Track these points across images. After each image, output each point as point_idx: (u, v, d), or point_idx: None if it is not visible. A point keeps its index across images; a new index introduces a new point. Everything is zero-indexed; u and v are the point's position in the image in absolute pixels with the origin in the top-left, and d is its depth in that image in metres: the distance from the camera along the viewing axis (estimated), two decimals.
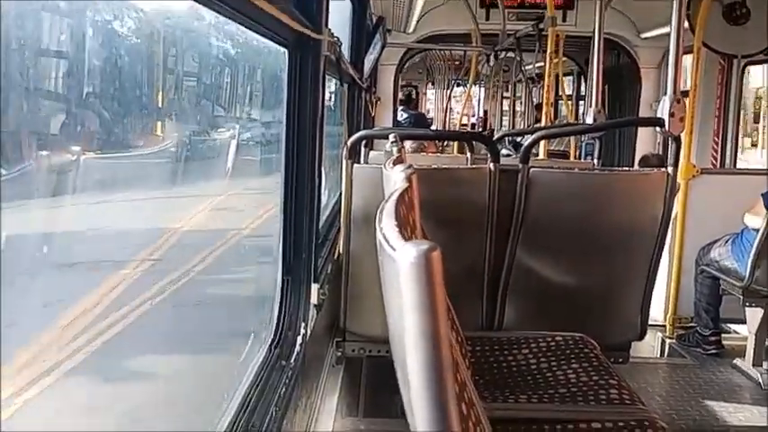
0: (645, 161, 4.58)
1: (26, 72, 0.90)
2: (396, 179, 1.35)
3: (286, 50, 1.83)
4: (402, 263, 0.71)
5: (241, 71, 2.13)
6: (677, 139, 2.77)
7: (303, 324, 1.91)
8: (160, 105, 1.43)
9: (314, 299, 2.00)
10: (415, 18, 6.00)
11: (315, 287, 2.01)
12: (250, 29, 1.50)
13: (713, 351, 3.58)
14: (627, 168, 2.97)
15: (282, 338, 1.81)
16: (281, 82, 1.90)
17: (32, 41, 0.92)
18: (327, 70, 2.19)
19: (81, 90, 1.08)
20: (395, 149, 2.14)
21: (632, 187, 2.70)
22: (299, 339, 1.86)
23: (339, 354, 2.70)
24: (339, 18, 3.69)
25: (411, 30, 6.32)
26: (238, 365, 1.67)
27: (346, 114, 3.53)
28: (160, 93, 1.44)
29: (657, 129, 3.05)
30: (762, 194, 3.28)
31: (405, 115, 7.43)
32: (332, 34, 2.06)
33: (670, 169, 2.61)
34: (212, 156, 1.84)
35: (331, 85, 3.45)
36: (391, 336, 1.01)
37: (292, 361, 1.79)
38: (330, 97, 3.71)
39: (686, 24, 3.92)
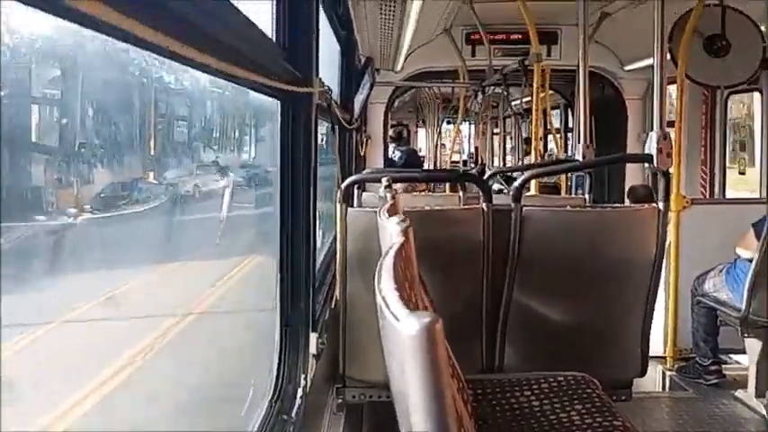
0: (633, 192, 4.62)
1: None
2: (392, 232, 1.35)
3: (279, 102, 1.85)
4: (404, 335, 0.71)
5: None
6: (666, 174, 2.79)
7: (303, 375, 1.89)
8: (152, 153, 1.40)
9: (313, 349, 1.99)
10: (403, 56, 6.09)
11: (313, 336, 1.99)
12: (243, 86, 1.52)
13: (714, 381, 3.56)
14: (618, 205, 2.99)
15: (282, 392, 1.79)
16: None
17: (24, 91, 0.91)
18: (319, 116, 2.22)
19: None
20: (388, 196, 2.14)
21: (624, 223, 2.72)
22: (300, 392, 1.83)
23: (340, 401, 2.67)
24: (328, 59, 3.74)
25: (399, 68, 6.41)
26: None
27: (338, 156, 3.55)
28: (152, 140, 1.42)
29: (646, 164, 3.08)
30: (752, 224, 3.30)
31: (397, 153, 7.49)
32: (322, 84, 2.08)
33: (660, 204, 2.63)
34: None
35: (322, 127, 3.48)
36: (395, 397, 1.00)
37: (293, 414, 1.76)
38: (321, 138, 3.74)
39: (668, 57, 3.99)
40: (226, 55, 1.18)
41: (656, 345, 3.90)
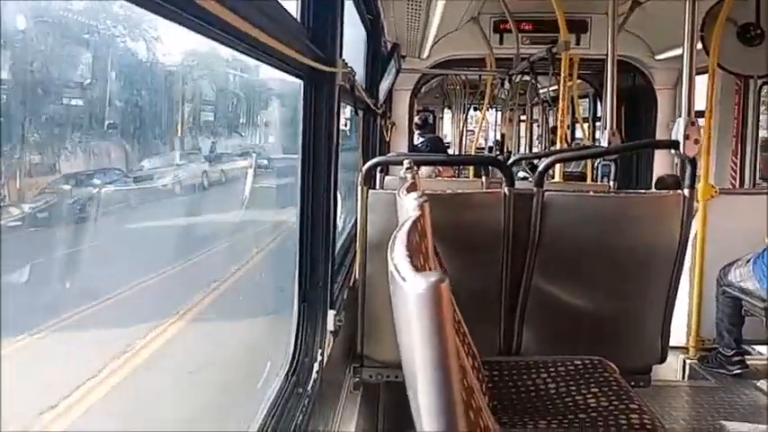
0: (661, 182, 4.56)
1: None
2: (408, 207, 1.37)
3: (301, 82, 1.87)
4: (411, 294, 0.72)
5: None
6: (692, 161, 2.76)
7: (320, 351, 1.92)
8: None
9: (330, 326, 2.02)
10: (430, 43, 6.07)
11: (331, 314, 2.03)
12: (266, 63, 1.55)
13: (737, 372, 3.52)
14: (642, 191, 2.96)
15: (299, 366, 1.83)
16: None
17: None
18: (342, 99, 2.24)
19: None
20: (408, 176, 2.16)
21: (648, 210, 2.69)
22: (316, 366, 1.87)
23: (356, 380, 2.70)
24: (354, 44, 3.76)
25: (426, 55, 6.38)
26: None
27: (361, 140, 3.58)
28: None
29: (672, 151, 3.04)
30: None
31: (421, 140, 7.49)
32: (346, 65, 2.10)
33: (686, 191, 2.60)
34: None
35: (346, 111, 3.50)
36: (403, 364, 1.02)
37: (309, 388, 1.80)
38: (346, 123, 3.76)
39: (700, 46, 3.92)
40: (252, 31, 1.21)
41: (679, 335, 3.87)
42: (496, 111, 11.89)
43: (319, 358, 1.90)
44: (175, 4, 0.98)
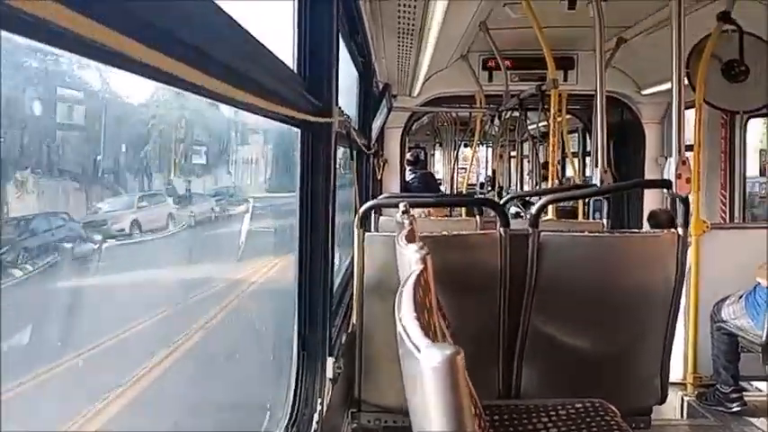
0: (654, 218, 4.59)
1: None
2: (411, 260, 1.37)
3: (299, 130, 1.89)
4: (425, 366, 0.72)
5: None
6: (685, 201, 2.79)
7: (319, 400, 1.90)
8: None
9: (329, 373, 2.00)
10: (420, 82, 6.16)
11: (330, 361, 2.01)
12: (264, 116, 1.56)
13: (736, 409, 3.50)
14: (636, 231, 2.98)
15: (299, 416, 1.80)
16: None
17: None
18: (338, 142, 2.25)
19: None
20: (406, 222, 2.17)
21: (644, 249, 2.71)
22: (316, 417, 1.85)
23: (355, 425, 2.67)
24: (347, 85, 3.80)
25: (416, 93, 6.47)
26: None
27: (356, 181, 3.59)
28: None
29: (665, 190, 3.08)
30: None
31: (412, 176, 7.53)
32: (342, 112, 2.13)
33: (680, 230, 2.62)
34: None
35: (338, 151, 3.53)
36: (414, 427, 1.01)
37: None
38: (339, 163, 3.79)
39: (686, 82, 4.00)
40: (248, 86, 1.22)
41: (676, 372, 3.85)
42: (487, 147, 12.00)
43: (319, 408, 1.88)
44: (173, 69, 0.98)
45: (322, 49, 1.93)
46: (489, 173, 12.09)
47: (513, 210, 6.16)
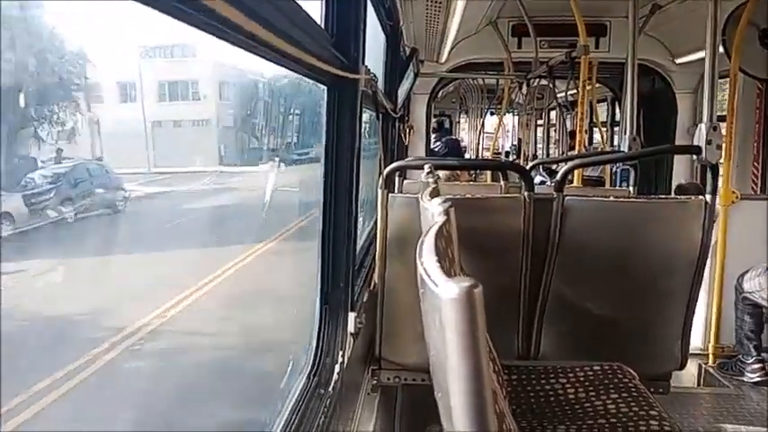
0: (682, 190, 4.52)
1: None
2: (434, 212, 1.39)
3: (325, 87, 1.90)
4: (444, 299, 0.74)
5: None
6: (714, 167, 2.75)
7: (341, 352, 1.95)
8: None
9: (351, 327, 2.04)
10: (448, 48, 6.08)
11: (352, 316, 2.05)
12: (292, 69, 1.58)
13: (757, 379, 3.49)
14: (663, 196, 2.95)
15: (321, 366, 1.85)
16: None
17: None
18: (364, 103, 2.26)
19: None
20: (430, 180, 2.18)
21: (669, 215, 2.68)
22: (337, 368, 1.89)
23: (375, 382, 2.73)
24: (374, 48, 3.78)
25: (444, 59, 6.40)
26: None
27: (381, 144, 3.60)
28: None
29: (694, 156, 3.03)
30: None
31: (439, 143, 7.50)
32: (368, 71, 2.13)
33: (708, 197, 2.59)
34: None
35: (365, 114, 3.52)
36: (432, 367, 1.04)
37: (330, 389, 1.82)
38: (365, 128, 3.79)
39: (722, 50, 3.90)
40: (279, 34, 1.24)
41: (698, 341, 3.84)
42: (513, 115, 11.85)
43: (340, 360, 1.93)
44: (203, 14, 1.01)
45: (349, 7, 1.93)
46: (515, 141, 11.97)
47: (538, 179, 6.10)
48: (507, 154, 11.95)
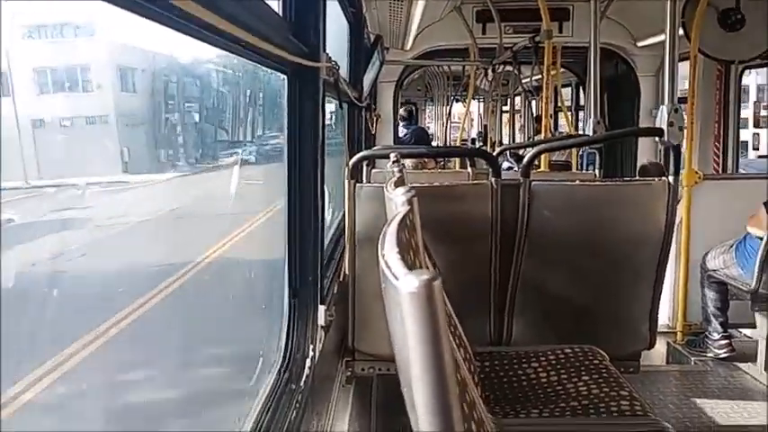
0: (645, 171, 4.59)
1: None
2: (397, 202, 1.37)
3: (285, 77, 1.86)
4: (404, 292, 0.72)
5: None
6: (677, 149, 2.78)
7: (311, 346, 1.92)
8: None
9: (321, 321, 2.02)
10: (413, 35, 6.05)
11: (322, 309, 2.02)
12: (249, 59, 1.53)
13: (724, 355, 3.57)
14: (628, 179, 2.99)
15: (291, 362, 1.82)
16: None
17: None
18: (327, 93, 2.22)
19: None
20: (395, 170, 2.16)
21: (634, 197, 2.71)
22: (308, 362, 1.87)
23: (349, 373, 2.71)
24: (337, 37, 3.73)
25: (409, 46, 6.37)
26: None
27: (347, 134, 3.56)
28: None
29: (657, 138, 3.07)
30: (764, 203, 3.29)
31: (405, 131, 7.48)
32: (329, 59, 2.09)
33: (671, 178, 2.62)
34: None
35: (331, 106, 3.48)
36: (397, 360, 1.02)
37: (302, 384, 1.80)
38: (331, 117, 3.74)
39: (681, 32, 3.95)
40: (236, 24, 1.20)
41: (665, 320, 3.91)
42: (479, 102, 11.88)
43: (311, 354, 1.90)
44: (155, 4, 0.97)
45: None
46: (480, 128, 12.01)
47: (505, 165, 6.13)
48: (473, 141, 12.00)
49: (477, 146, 9.82)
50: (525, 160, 2.74)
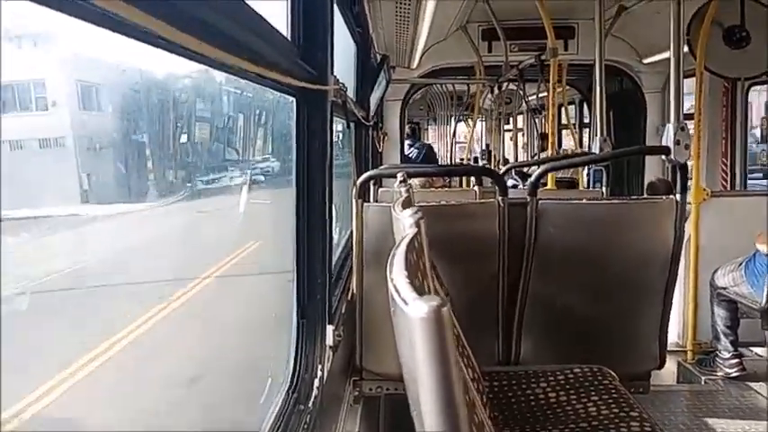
0: (653, 188, 4.58)
1: None
2: (405, 224, 1.38)
3: (294, 99, 1.88)
4: (413, 318, 0.73)
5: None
6: (683, 167, 2.78)
7: (320, 366, 1.92)
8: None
9: (329, 340, 2.02)
10: (419, 53, 6.10)
11: (330, 329, 2.03)
12: (258, 83, 1.55)
13: (735, 374, 3.53)
14: (635, 197, 2.98)
15: (299, 382, 1.82)
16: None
17: None
18: (334, 113, 2.25)
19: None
20: (402, 190, 2.17)
21: (642, 216, 2.71)
22: (317, 382, 1.87)
23: (356, 393, 2.70)
24: (344, 56, 3.77)
25: (415, 65, 6.42)
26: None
27: (354, 153, 3.58)
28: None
29: (663, 157, 3.07)
30: None
31: (413, 150, 7.52)
32: (337, 81, 2.11)
33: (678, 196, 2.62)
34: None
35: (338, 125, 3.51)
36: (406, 382, 1.03)
37: (310, 404, 1.80)
38: (338, 136, 3.77)
39: (687, 49, 3.96)
40: (241, 53, 1.22)
41: (675, 338, 3.88)
42: (481, 121, 11.92)
43: (319, 374, 1.90)
44: (169, 35, 0.98)
45: (316, 17, 1.91)
46: (483, 147, 12.02)
47: (510, 182, 6.15)
48: (476, 159, 12.01)
49: (481, 164, 9.84)
50: (533, 179, 2.75)
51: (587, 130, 8.45)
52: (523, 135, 10.37)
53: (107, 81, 1.11)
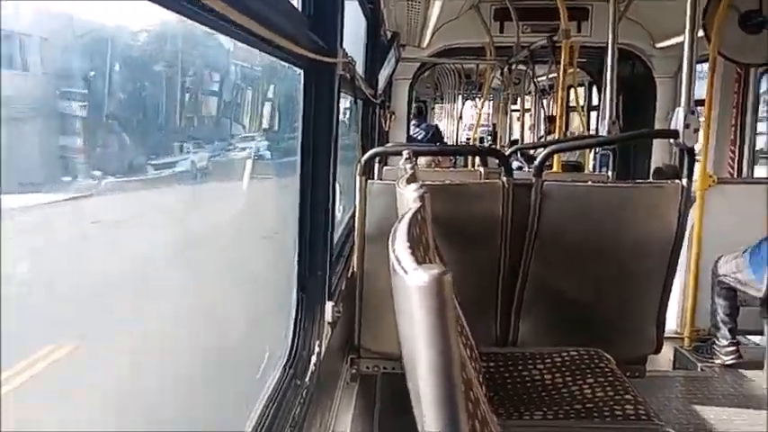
0: (659, 173, 4.56)
1: None
2: (408, 198, 1.37)
3: (302, 71, 1.86)
4: (413, 286, 0.73)
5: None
6: (691, 151, 2.76)
7: (317, 342, 1.93)
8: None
9: (328, 317, 2.02)
10: (429, 32, 6.04)
11: (329, 305, 2.03)
12: (266, 52, 1.54)
13: (732, 361, 3.54)
14: (640, 181, 2.96)
15: (297, 358, 1.83)
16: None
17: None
18: (342, 88, 2.23)
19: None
20: (408, 167, 2.16)
21: (646, 200, 2.69)
22: (314, 358, 1.87)
23: (354, 371, 2.72)
24: (354, 33, 3.72)
25: (425, 44, 6.35)
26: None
27: (360, 131, 3.57)
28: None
29: (671, 140, 3.04)
30: None
31: (419, 129, 7.47)
32: (346, 55, 2.09)
33: (684, 181, 2.60)
34: None
35: (346, 102, 3.48)
36: (404, 355, 1.03)
37: (307, 380, 1.81)
38: (345, 112, 3.75)
39: (701, 33, 3.91)
40: (251, 15, 1.20)
41: (673, 325, 3.89)
42: (489, 101, 11.83)
43: (317, 350, 1.91)
44: None
45: None
46: (489, 127, 11.96)
47: (515, 164, 6.13)
48: (482, 140, 11.95)
49: (487, 145, 9.79)
50: (538, 160, 2.73)
51: (595, 113, 8.38)
52: (531, 116, 10.31)
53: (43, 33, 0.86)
